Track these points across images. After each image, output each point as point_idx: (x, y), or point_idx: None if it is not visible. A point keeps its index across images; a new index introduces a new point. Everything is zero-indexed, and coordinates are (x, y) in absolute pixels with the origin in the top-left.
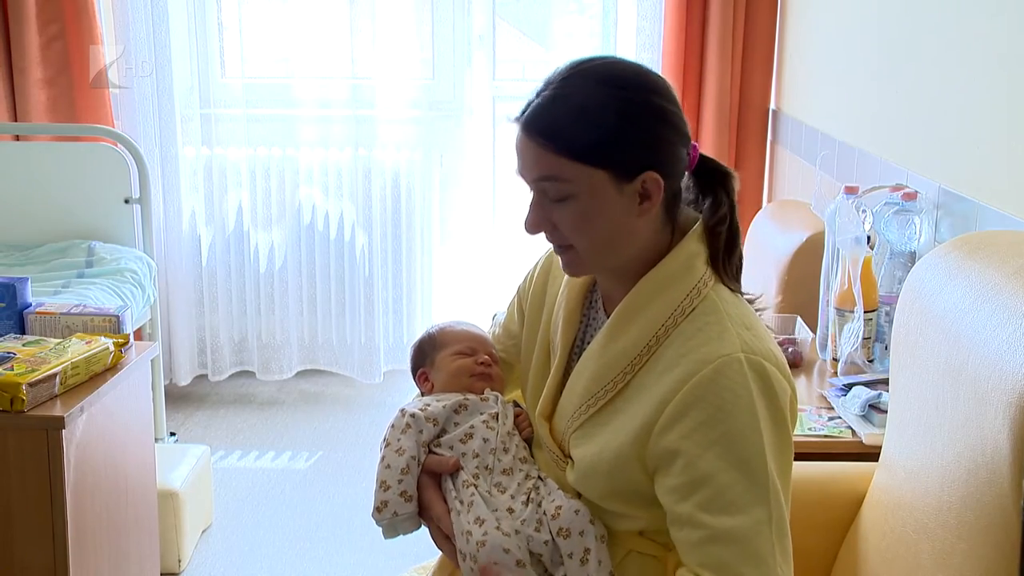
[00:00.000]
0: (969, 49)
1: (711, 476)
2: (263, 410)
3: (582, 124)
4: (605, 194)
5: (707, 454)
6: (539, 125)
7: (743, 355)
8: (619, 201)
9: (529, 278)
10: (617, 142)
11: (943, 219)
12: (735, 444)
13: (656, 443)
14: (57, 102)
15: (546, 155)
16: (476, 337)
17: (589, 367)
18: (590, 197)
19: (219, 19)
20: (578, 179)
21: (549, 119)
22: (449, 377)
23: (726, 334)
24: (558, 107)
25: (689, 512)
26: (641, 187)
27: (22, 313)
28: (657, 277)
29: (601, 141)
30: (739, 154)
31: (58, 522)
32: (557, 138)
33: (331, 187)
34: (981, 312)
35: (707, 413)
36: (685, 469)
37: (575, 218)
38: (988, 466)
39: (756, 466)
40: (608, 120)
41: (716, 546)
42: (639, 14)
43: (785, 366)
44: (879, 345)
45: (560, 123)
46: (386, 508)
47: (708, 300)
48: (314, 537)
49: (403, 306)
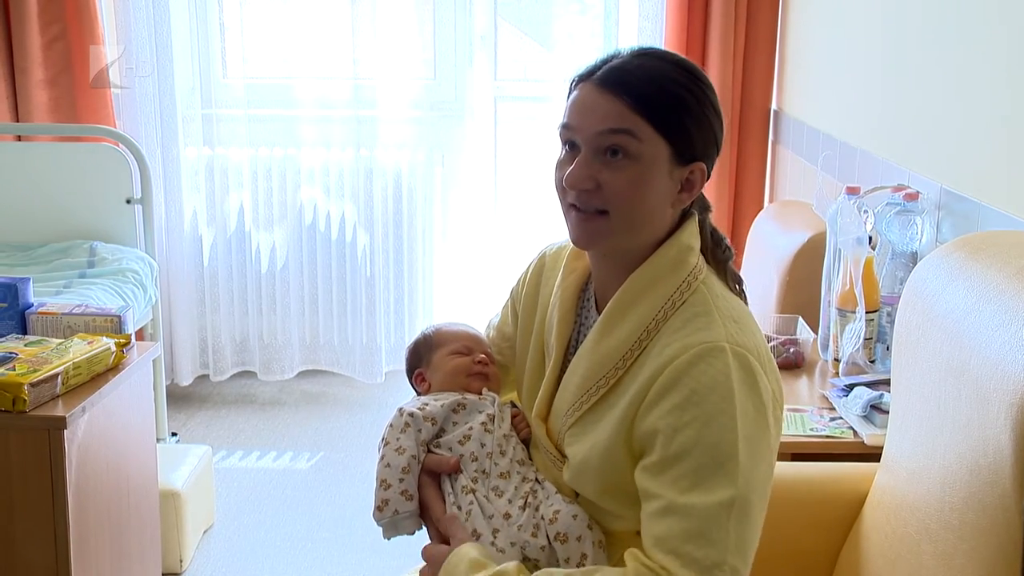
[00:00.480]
0: (971, 49)
1: (682, 455)
2: (265, 410)
3: (662, 93)
4: (660, 168)
5: (679, 435)
6: (620, 82)
7: (728, 345)
8: (667, 182)
9: (522, 281)
10: (690, 120)
11: (945, 219)
12: (707, 427)
13: (639, 426)
14: (59, 102)
15: (623, 110)
16: (472, 336)
17: (582, 365)
18: (649, 164)
19: (220, 19)
20: (647, 141)
21: (630, 79)
22: (446, 376)
23: (713, 325)
24: (638, 73)
25: (656, 487)
26: (688, 175)
27: (24, 313)
28: (647, 272)
29: (678, 113)
30: (740, 154)
31: (60, 522)
32: (638, 97)
33: (332, 187)
34: (983, 313)
35: (683, 395)
36: (660, 447)
37: (628, 181)
38: (990, 467)
39: (726, 451)
40: (685, 98)
41: (669, 518)
42: (640, 14)
43: (772, 362)
44: (881, 346)
45: (641, 86)
46: (387, 507)
47: (698, 293)
48: (315, 537)
49: (404, 306)
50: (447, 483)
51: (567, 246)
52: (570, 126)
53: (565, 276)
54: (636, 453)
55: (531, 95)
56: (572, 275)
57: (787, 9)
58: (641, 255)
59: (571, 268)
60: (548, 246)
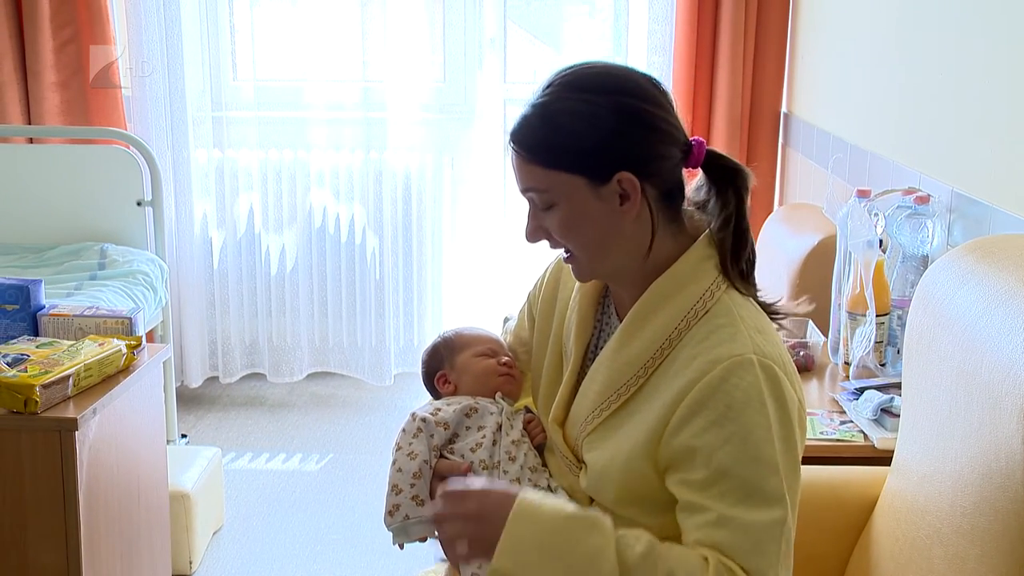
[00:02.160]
0: (981, 51)
1: (726, 471)
2: (274, 412)
3: (551, 132)
4: (584, 198)
5: (722, 451)
6: (518, 137)
7: (755, 357)
8: (599, 204)
9: (539, 284)
10: (582, 146)
11: (956, 222)
12: (747, 441)
13: (668, 443)
14: (70, 105)
15: (526, 166)
16: (493, 339)
17: (602, 371)
18: (569, 203)
19: (231, 22)
20: (555, 187)
21: (527, 131)
22: (477, 378)
23: (739, 336)
24: (534, 118)
25: (704, 500)
26: (619, 187)
27: (35, 315)
28: (668, 281)
29: (567, 147)
30: (750, 157)
31: (71, 523)
32: (532, 149)
33: (342, 190)
34: (995, 316)
35: (718, 412)
36: (701, 465)
37: (561, 224)
38: (1002, 471)
39: (768, 463)
40: (573, 126)
41: (724, 530)
42: (650, 17)
43: (795, 374)
44: (891, 349)
45: (536, 134)
46: (398, 512)
47: (721, 303)
48: (325, 539)
49: (414, 309)
50: None
51: None
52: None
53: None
54: (661, 467)
55: None
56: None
57: (797, 11)
58: (652, 269)
59: None
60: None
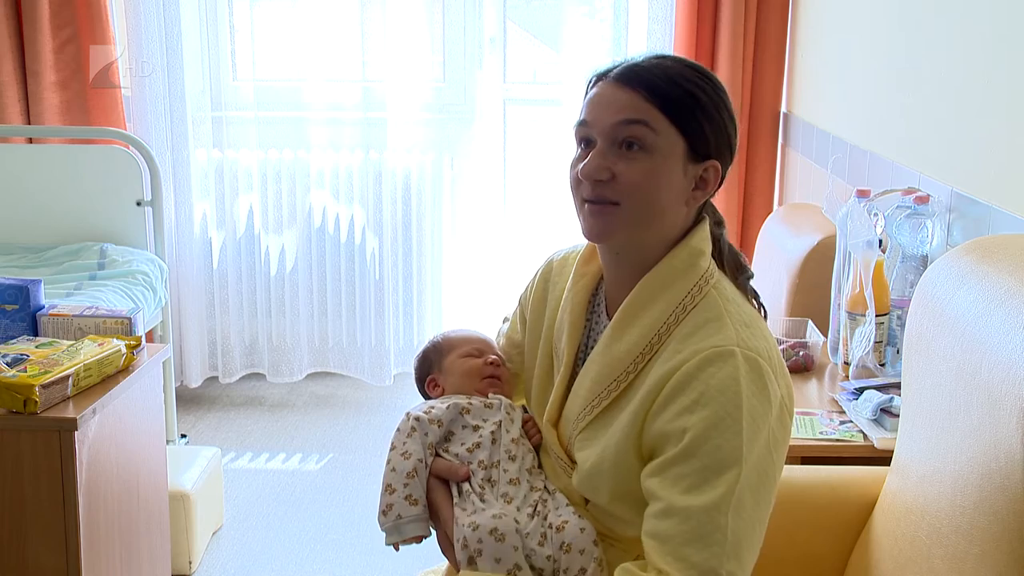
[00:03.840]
0: (981, 52)
1: (687, 455)
2: (273, 412)
3: (677, 89)
4: (675, 163)
5: (686, 435)
6: (637, 77)
7: (738, 349)
8: (680, 178)
9: (529, 287)
10: (704, 118)
11: (955, 222)
12: (714, 428)
13: (648, 429)
14: (70, 105)
15: (640, 102)
16: (481, 339)
17: (593, 369)
18: (664, 158)
19: (231, 22)
20: (663, 134)
21: (647, 75)
22: (460, 378)
23: (724, 329)
24: (655, 71)
25: (658, 487)
26: (702, 173)
27: (35, 315)
28: (658, 276)
29: (692, 109)
30: (750, 157)
31: (70, 523)
32: (655, 90)
33: (342, 190)
34: (994, 316)
35: (691, 398)
36: (667, 449)
37: (642, 172)
38: (1001, 471)
39: (730, 454)
40: (699, 97)
41: (669, 520)
42: (650, 17)
43: (782, 367)
44: (891, 349)
45: (658, 81)
46: (391, 511)
47: (709, 297)
48: (324, 539)
49: (413, 309)
50: (455, 490)
51: (574, 252)
52: (587, 122)
53: (575, 281)
54: (645, 457)
55: (540, 98)
56: (582, 280)
57: (797, 11)
58: (653, 256)
59: (581, 273)
60: (555, 253)
